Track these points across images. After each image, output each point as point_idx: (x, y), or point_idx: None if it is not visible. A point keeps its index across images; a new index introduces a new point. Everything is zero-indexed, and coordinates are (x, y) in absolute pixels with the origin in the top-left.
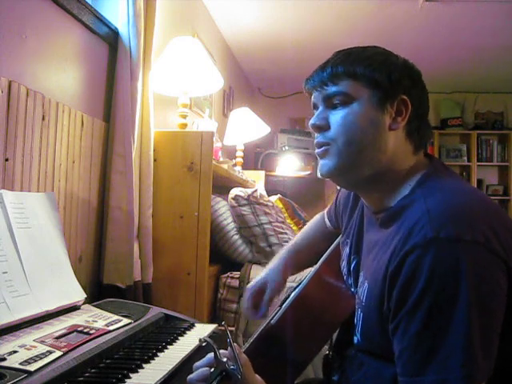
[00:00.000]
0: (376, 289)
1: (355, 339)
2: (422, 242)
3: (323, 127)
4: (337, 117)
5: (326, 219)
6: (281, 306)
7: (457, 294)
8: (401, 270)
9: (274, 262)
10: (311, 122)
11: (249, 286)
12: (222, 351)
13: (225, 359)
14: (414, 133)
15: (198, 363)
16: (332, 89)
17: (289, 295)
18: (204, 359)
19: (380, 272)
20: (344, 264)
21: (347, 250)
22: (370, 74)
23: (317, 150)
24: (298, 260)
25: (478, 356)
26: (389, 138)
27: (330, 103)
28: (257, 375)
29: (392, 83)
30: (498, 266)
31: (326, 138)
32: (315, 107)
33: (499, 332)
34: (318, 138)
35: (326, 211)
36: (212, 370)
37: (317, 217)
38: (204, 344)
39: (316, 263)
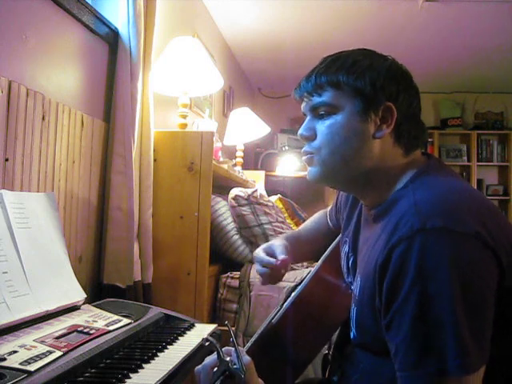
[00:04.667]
0: (367, 283)
1: (351, 334)
2: (409, 233)
3: (310, 137)
4: (322, 127)
5: (328, 219)
6: (281, 305)
7: (443, 284)
8: (389, 264)
9: (277, 240)
10: (299, 132)
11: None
12: (225, 348)
13: (228, 358)
14: (403, 137)
15: (207, 362)
16: (316, 99)
17: (289, 295)
18: (211, 357)
19: (370, 266)
20: (343, 262)
21: (346, 247)
22: (353, 83)
23: (303, 158)
24: (298, 248)
25: (469, 344)
26: (374, 146)
27: (316, 113)
28: (259, 379)
29: (376, 91)
30: (487, 256)
31: (311, 148)
32: (305, 115)
33: (491, 320)
34: (305, 147)
35: (328, 211)
36: (215, 369)
37: (320, 213)
38: (207, 343)
39: (314, 259)
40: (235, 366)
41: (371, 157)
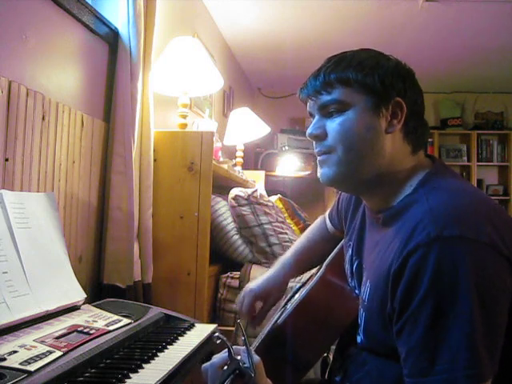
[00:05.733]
0: (379, 288)
1: (358, 339)
2: (426, 240)
3: (321, 136)
4: (333, 125)
5: (328, 221)
6: (285, 305)
7: (460, 293)
8: (404, 270)
9: (276, 269)
10: (308, 131)
11: (249, 288)
12: (234, 347)
13: (238, 357)
14: (411, 133)
15: (215, 360)
16: (326, 97)
17: (292, 295)
18: (220, 355)
19: (382, 272)
20: (347, 266)
21: (350, 251)
22: (363, 79)
23: (318, 158)
24: (299, 265)
25: (482, 354)
26: (386, 142)
27: (325, 112)
28: (268, 379)
29: (385, 87)
30: (501, 265)
31: (325, 147)
32: (311, 115)
33: (504, 330)
34: (316, 147)
35: (327, 213)
36: (225, 367)
37: (318, 220)
38: (218, 341)
39: (318, 266)
40: (245, 365)
41: (383, 154)
